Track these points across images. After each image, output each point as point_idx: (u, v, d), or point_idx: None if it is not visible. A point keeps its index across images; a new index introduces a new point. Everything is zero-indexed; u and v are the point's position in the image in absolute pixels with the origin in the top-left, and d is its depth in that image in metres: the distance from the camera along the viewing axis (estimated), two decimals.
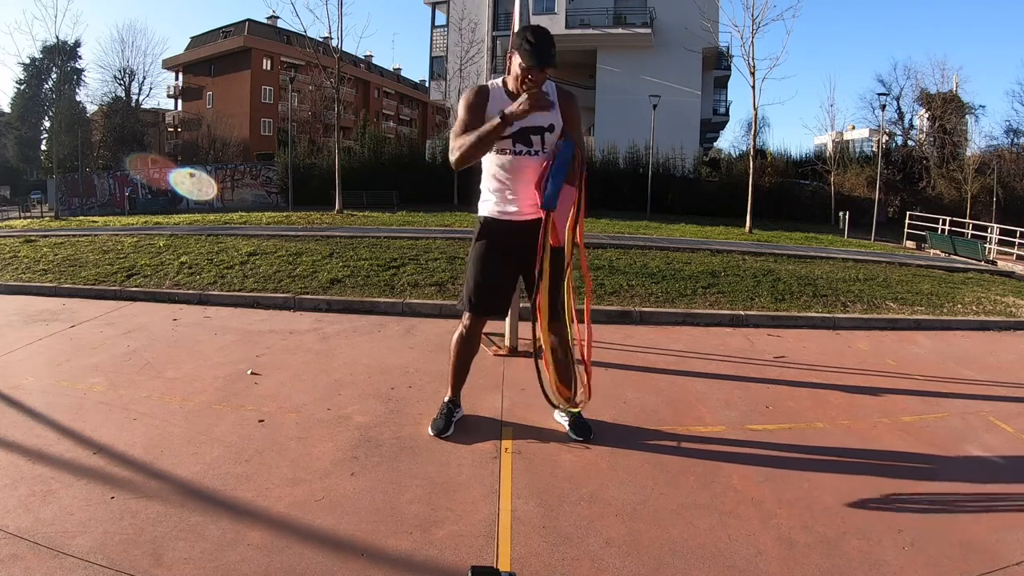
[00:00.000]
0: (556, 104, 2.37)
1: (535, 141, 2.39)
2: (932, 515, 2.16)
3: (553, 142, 2.40)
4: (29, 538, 1.84)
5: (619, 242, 9.06)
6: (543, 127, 2.38)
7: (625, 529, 2.01)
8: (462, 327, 2.64)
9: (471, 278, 2.56)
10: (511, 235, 2.48)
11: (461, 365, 2.71)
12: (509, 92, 2.38)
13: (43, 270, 6.17)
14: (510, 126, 2.27)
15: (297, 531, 1.95)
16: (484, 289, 2.54)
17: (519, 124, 2.34)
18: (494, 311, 2.65)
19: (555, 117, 2.39)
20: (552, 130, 2.40)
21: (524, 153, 2.40)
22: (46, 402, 2.90)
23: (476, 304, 2.55)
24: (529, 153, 2.40)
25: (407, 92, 51.19)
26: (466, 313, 2.60)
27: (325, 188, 18.77)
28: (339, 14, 16.03)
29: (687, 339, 4.46)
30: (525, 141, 2.39)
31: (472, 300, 2.55)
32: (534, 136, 2.39)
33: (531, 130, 2.38)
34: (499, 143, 2.39)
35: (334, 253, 6.77)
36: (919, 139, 26.60)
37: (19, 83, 35.94)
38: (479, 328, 2.65)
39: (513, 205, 2.47)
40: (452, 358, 2.70)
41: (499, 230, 2.51)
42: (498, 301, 2.62)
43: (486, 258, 2.53)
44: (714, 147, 34.01)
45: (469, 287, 2.57)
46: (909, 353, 4.39)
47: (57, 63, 28.13)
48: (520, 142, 2.39)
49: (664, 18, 23.80)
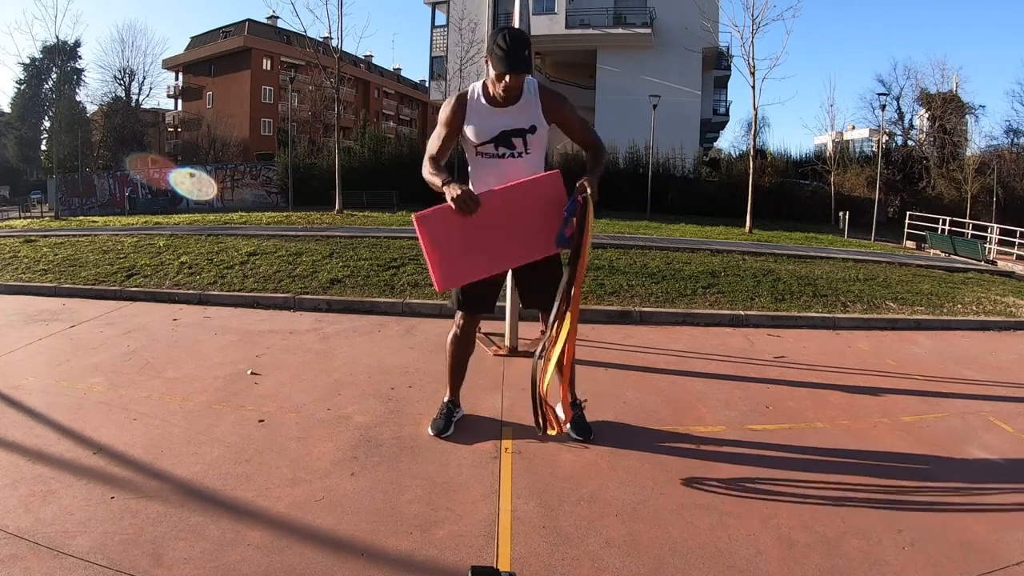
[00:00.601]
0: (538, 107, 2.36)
1: (517, 144, 2.39)
2: (932, 515, 2.16)
3: (538, 143, 2.41)
4: (29, 538, 1.84)
5: (619, 242, 9.06)
6: (524, 129, 2.37)
7: (625, 529, 2.01)
8: (456, 327, 2.66)
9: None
10: None
11: (457, 365, 2.71)
12: (489, 96, 2.37)
13: (43, 270, 6.17)
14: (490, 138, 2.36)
15: (297, 531, 1.95)
16: (468, 288, 2.53)
17: (499, 127, 2.36)
18: (480, 309, 2.64)
19: (535, 118, 2.37)
20: (534, 131, 2.38)
21: (508, 156, 2.41)
22: (46, 402, 2.91)
23: (462, 302, 2.57)
24: (513, 156, 2.41)
25: (407, 92, 51.16)
26: (459, 312, 2.62)
27: (325, 188, 18.76)
28: (339, 14, 16.02)
29: (687, 339, 4.46)
30: (507, 144, 2.39)
31: (459, 298, 2.57)
32: (515, 139, 2.38)
33: (511, 132, 2.38)
34: (482, 147, 2.40)
35: (334, 253, 6.77)
36: (919, 139, 26.60)
37: (19, 83, 35.94)
38: (472, 327, 2.65)
39: None
40: (448, 358, 2.70)
41: None
42: (482, 299, 2.61)
43: None
44: (714, 147, 34.02)
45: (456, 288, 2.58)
46: (909, 353, 4.39)
47: (57, 63, 28.09)
48: (503, 145, 2.39)
49: (664, 18, 23.80)
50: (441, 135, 2.43)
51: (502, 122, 2.36)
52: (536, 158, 2.46)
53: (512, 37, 2.22)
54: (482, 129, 2.38)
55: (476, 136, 2.39)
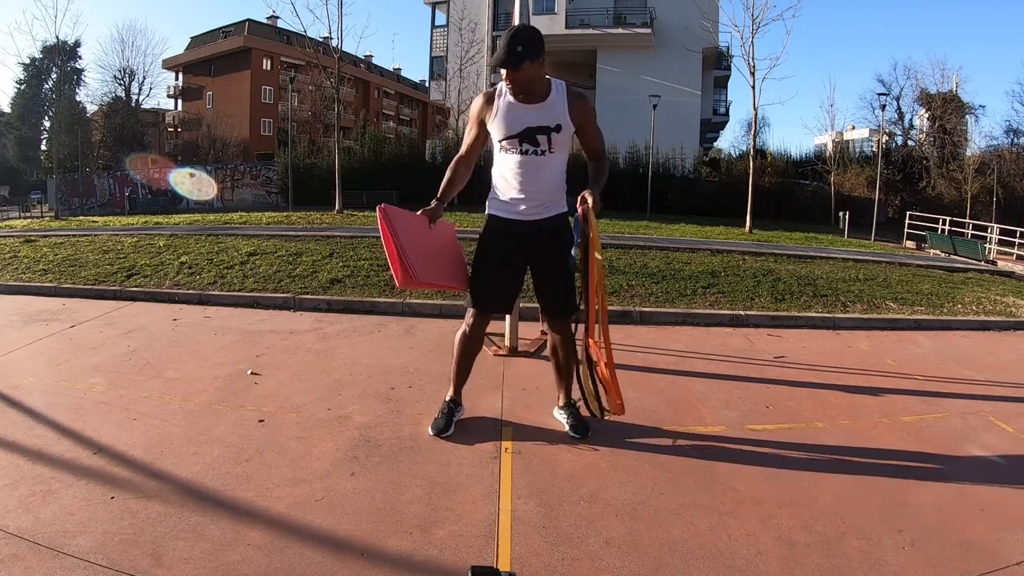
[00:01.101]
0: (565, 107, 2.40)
1: (541, 141, 2.40)
2: (932, 515, 2.16)
3: (561, 143, 2.43)
4: (29, 538, 1.84)
5: (619, 242, 9.06)
6: (549, 127, 2.39)
7: (625, 529, 2.01)
8: (465, 324, 2.64)
9: (474, 274, 2.58)
10: (516, 234, 2.49)
11: (464, 363, 2.70)
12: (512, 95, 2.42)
13: (43, 270, 6.17)
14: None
15: (297, 531, 1.94)
16: (485, 285, 2.55)
17: (524, 124, 2.39)
18: (496, 308, 2.65)
19: (561, 117, 2.39)
20: (559, 130, 2.39)
21: (531, 153, 2.41)
22: (46, 402, 2.90)
23: (478, 300, 2.56)
24: (536, 153, 2.41)
25: (407, 92, 51.18)
26: (470, 310, 2.60)
27: (325, 188, 18.75)
28: (339, 14, 16.00)
29: (687, 339, 4.46)
30: (532, 141, 2.40)
31: (474, 296, 2.57)
32: (540, 136, 2.39)
33: (536, 130, 2.39)
34: (506, 142, 2.43)
35: (334, 253, 6.77)
36: (919, 139, 26.61)
37: (19, 83, 35.99)
38: (482, 326, 2.64)
39: (520, 205, 2.48)
40: (455, 356, 2.70)
41: (503, 228, 2.52)
42: (500, 298, 2.62)
43: (489, 255, 2.55)
44: (714, 147, 34.01)
45: (472, 283, 2.58)
46: (909, 353, 4.39)
47: (57, 63, 28.12)
48: (527, 142, 2.40)
49: (664, 18, 23.81)
50: (472, 134, 2.53)
51: (528, 118, 2.38)
52: (559, 158, 2.46)
53: (507, 34, 2.28)
54: (508, 124, 2.40)
55: (501, 131, 2.41)
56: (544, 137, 2.39)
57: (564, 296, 2.56)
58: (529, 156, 2.41)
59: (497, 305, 2.65)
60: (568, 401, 2.75)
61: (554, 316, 2.61)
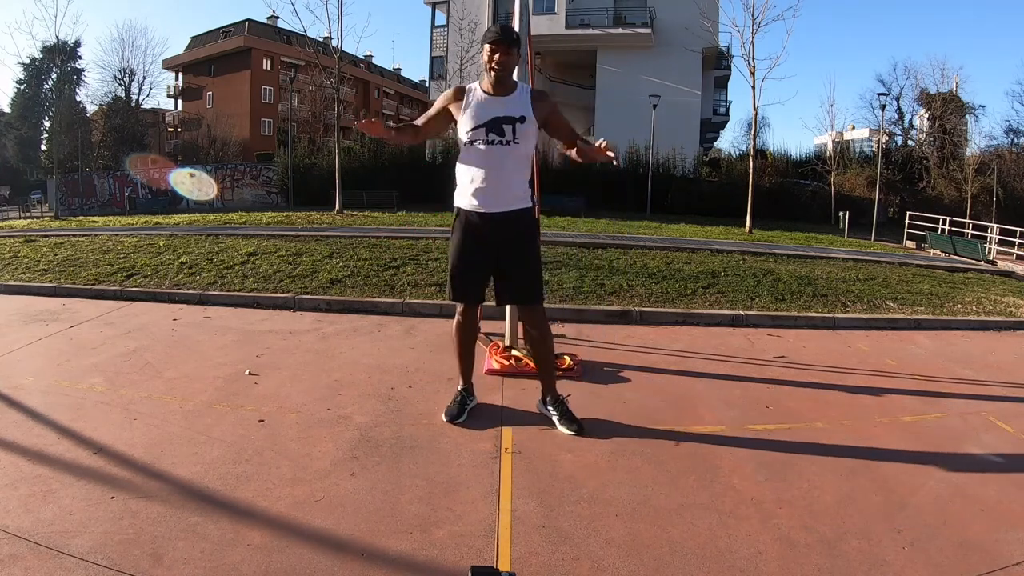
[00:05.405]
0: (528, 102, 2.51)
1: (507, 131, 2.48)
2: (932, 515, 2.16)
3: (526, 135, 2.51)
4: (29, 538, 1.84)
5: (619, 242, 9.05)
6: (514, 117, 2.48)
7: (625, 529, 2.01)
8: (457, 316, 2.78)
9: (451, 268, 2.71)
10: (484, 226, 2.57)
11: (464, 352, 2.83)
12: (484, 89, 2.53)
13: (43, 270, 6.17)
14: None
15: (297, 531, 1.94)
16: (457, 277, 2.68)
17: (492, 114, 2.47)
18: (470, 298, 2.74)
19: (525, 110, 2.50)
20: (523, 121, 2.49)
21: (496, 143, 2.48)
22: (46, 402, 2.90)
23: (457, 293, 2.69)
24: (502, 143, 2.48)
25: (407, 92, 51.15)
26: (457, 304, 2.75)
27: (325, 188, 18.74)
28: (339, 14, 15.97)
29: (687, 339, 4.46)
30: (498, 131, 2.48)
31: (454, 290, 2.70)
32: (506, 125, 2.48)
33: (503, 120, 2.47)
34: (472, 133, 2.49)
35: (334, 253, 6.77)
36: (919, 139, 26.62)
37: (19, 83, 35.96)
38: (472, 314, 2.77)
39: (486, 197, 2.54)
40: (455, 347, 2.83)
41: (472, 222, 2.60)
42: (471, 288, 2.71)
43: (462, 248, 2.65)
44: (714, 147, 34.03)
45: (450, 277, 2.71)
46: (909, 353, 4.39)
47: (57, 63, 28.12)
48: (493, 131, 2.47)
49: (664, 18, 23.81)
50: (430, 114, 2.62)
51: (495, 109, 2.49)
52: (524, 151, 2.55)
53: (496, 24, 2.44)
54: (476, 115, 2.50)
55: (470, 122, 2.50)
56: (510, 127, 2.47)
57: (531, 280, 2.65)
58: (495, 146, 2.48)
59: (470, 296, 2.73)
60: (554, 396, 2.79)
61: (523, 301, 2.71)
